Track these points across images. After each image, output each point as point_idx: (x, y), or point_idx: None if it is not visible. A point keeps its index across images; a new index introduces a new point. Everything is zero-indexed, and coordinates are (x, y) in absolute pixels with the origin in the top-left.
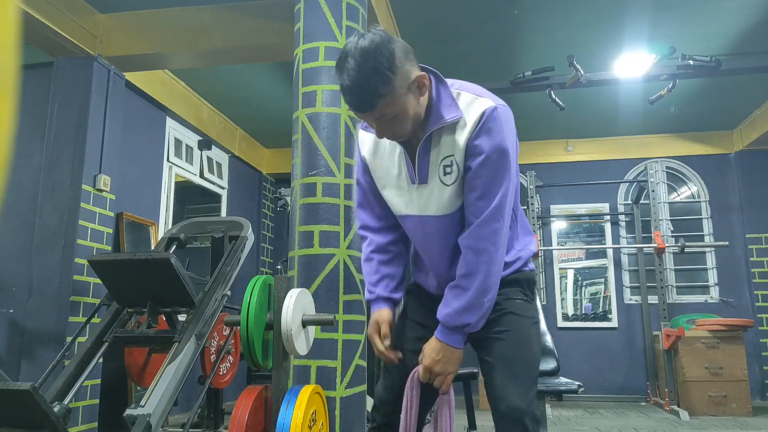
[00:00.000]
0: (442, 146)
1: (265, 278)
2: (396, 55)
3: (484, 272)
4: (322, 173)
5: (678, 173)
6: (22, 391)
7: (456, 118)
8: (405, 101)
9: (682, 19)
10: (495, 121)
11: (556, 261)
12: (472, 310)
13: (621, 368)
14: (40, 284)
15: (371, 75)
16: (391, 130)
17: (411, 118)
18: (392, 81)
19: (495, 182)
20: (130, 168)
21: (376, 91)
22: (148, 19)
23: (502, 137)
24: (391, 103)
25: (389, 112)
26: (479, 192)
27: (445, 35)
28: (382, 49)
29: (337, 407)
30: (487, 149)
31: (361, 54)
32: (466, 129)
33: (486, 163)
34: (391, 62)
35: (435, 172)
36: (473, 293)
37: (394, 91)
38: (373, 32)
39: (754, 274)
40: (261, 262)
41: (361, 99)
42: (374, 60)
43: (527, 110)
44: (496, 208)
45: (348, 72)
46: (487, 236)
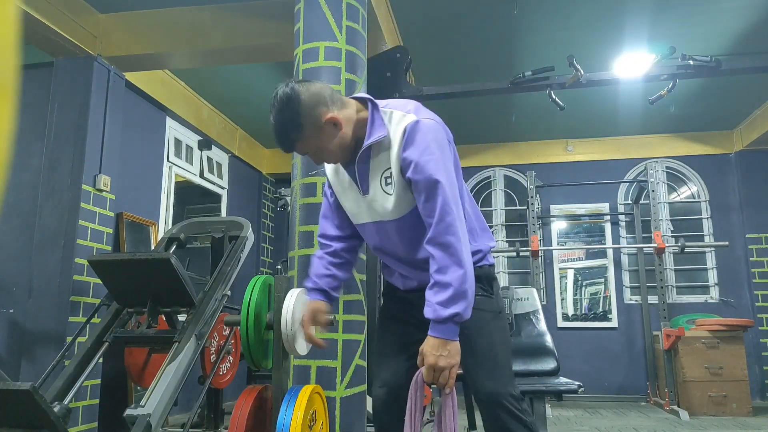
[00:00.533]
0: (379, 160)
1: (265, 278)
2: (302, 105)
3: (455, 262)
4: (322, 173)
5: (678, 173)
6: (22, 391)
7: (382, 136)
8: (319, 140)
9: (682, 19)
10: (417, 133)
11: (556, 261)
12: (457, 299)
13: (621, 368)
14: (40, 284)
15: (283, 125)
16: (321, 160)
17: (334, 150)
18: (301, 129)
19: (431, 183)
20: (130, 168)
21: (289, 137)
22: (148, 19)
23: (425, 144)
24: (307, 144)
25: (309, 150)
26: (423, 195)
27: (445, 35)
28: (290, 103)
29: (337, 407)
30: (414, 157)
31: (276, 107)
32: (396, 145)
33: (417, 169)
34: (297, 113)
35: (375, 183)
36: (453, 284)
37: (305, 134)
38: (288, 84)
39: (754, 274)
40: (261, 262)
41: (281, 143)
42: (283, 114)
43: (527, 110)
44: (443, 204)
45: (271, 121)
46: (445, 230)
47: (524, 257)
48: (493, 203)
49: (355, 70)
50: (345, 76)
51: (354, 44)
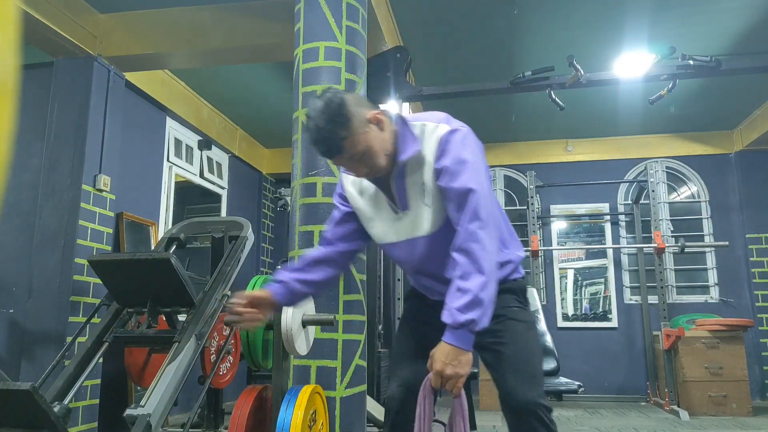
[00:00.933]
0: (414, 174)
1: (265, 278)
2: (347, 102)
3: (477, 269)
4: (322, 173)
5: (678, 173)
6: (22, 391)
7: (416, 151)
8: (367, 137)
9: (682, 19)
10: (450, 143)
11: (556, 261)
12: (474, 306)
13: (621, 368)
14: (40, 284)
15: (329, 123)
16: (366, 166)
17: (379, 152)
18: (349, 123)
19: (462, 189)
20: (130, 168)
21: (338, 134)
22: (148, 19)
23: (458, 152)
24: (355, 142)
25: (357, 151)
26: (455, 203)
27: (445, 35)
28: (334, 100)
29: (337, 407)
30: (449, 164)
31: (317, 111)
32: (430, 155)
33: (451, 176)
34: (343, 108)
35: (415, 197)
36: (472, 290)
37: (354, 131)
38: (325, 91)
39: (754, 274)
40: (261, 262)
41: (328, 145)
42: (329, 110)
43: (527, 110)
44: (473, 211)
45: (311, 128)
46: (469, 236)
47: (524, 257)
48: None
49: (355, 70)
50: (345, 76)
51: (354, 44)
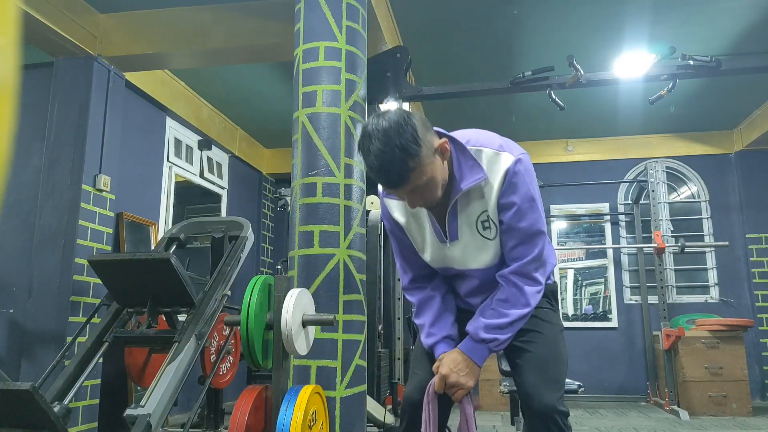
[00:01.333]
0: (473, 205)
1: (265, 278)
2: (417, 128)
3: (523, 303)
4: (322, 173)
5: (678, 173)
6: (22, 391)
7: (481, 179)
8: (433, 169)
9: (682, 19)
10: (518, 175)
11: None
12: (504, 330)
13: (621, 368)
14: (40, 284)
15: (399, 151)
16: (423, 198)
17: (440, 184)
18: (419, 153)
19: (530, 230)
20: (130, 168)
21: (406, 165)
22: (148, 19)
23: (527, 187)
24: (422, 174)
25: (421, 183)
26: (517, 240)
27: (445, 35)
28: (404, 125)
29: (337, 407)
30: (518, 201)
31: (384, 133)
32: (494, 187)
33: (518, 214)
34: (415, 136)
35: (469, 229)
36: (510, 317)
37: (422, 162)
38: (391, 111)
39: (754, 274)
40: (261, 262)
41: (394, 176)
42: (399, 137)
43: (527, 110)
44: (537, 254)
45: (375, 153)
46: (528, 276)
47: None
48: None
49: (355, 70)
50: (345, 76)
51: (354, 44)
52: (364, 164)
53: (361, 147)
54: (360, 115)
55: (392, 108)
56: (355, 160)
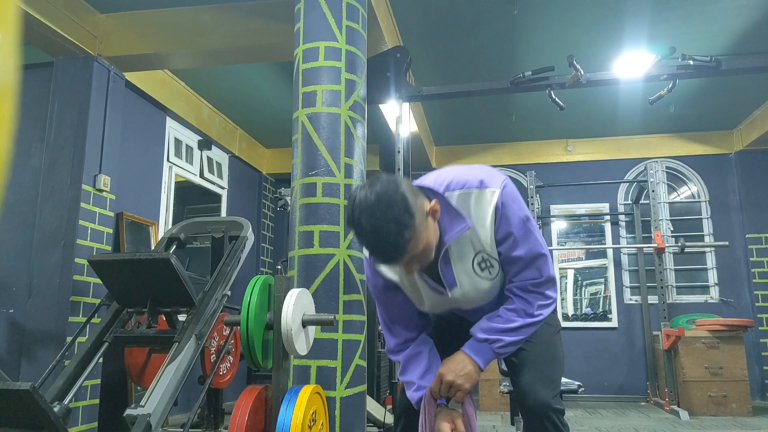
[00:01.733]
0: (465, 251)
1: (265, 278)
2: (408, 196)
3: (530, 316)
4: (322, 173)
5: (678, 173)
6: (22, 391)
7: (465, 229)
8: (428, 234)
9: (682, 19)
10: (506, 206)
11: (556, 261)
12: (509, 333)
13: (621, 368)
14: (40, 284)
15: (393, 225)
16: (419, 263)
17: (433, 246)
18: (413, 222)
19: (531, 254)
20: (130, 168)
21: (402, 238)
22: (148, 19)
23: (517, 214)
24: (418, 243)
25: (417, 251)
26: (520, 266)
27: (445, 35)
28: (394, 196)
29: (337, 407)
30: (513, 230)
31: (375, 207)
32: (487, 225)
33: (515, 242)
34: (407, 205)
35: (466, 275)
36: (516, 323)
37: (417, 230)
38: (379, 181)
39: (754, 274)
40: (261, 262)
41: (391, 251)
42: (390, 209)
43: (527, 110)
44: (547, 276)
45: (367, 229)
46: (542, 294)
47: None
48: None
49: (355, 70)
50: (345, 76)
51: (354, 44)
52: (356, 239)
53: (351, 221)
54: (360, 115)
55: (379, 177)
56: (354, 160)
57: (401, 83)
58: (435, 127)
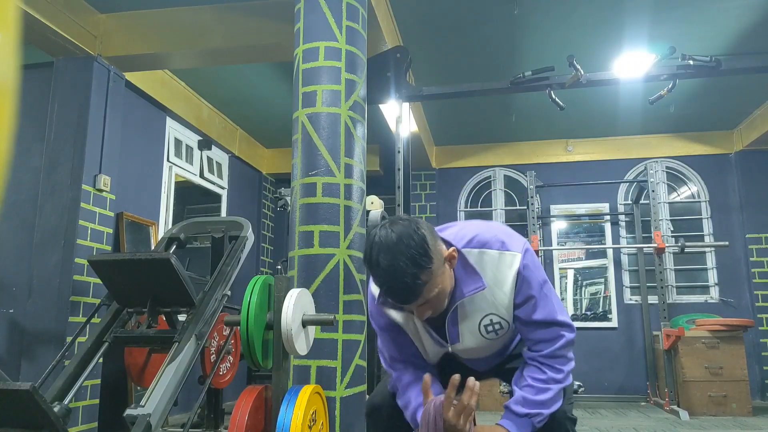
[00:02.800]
0: (475, 311)
1: (265, 278)
2: (427, 239)
3: (561, 384)
4: (322, 173)
5: (678, 173)
6: (22, 391)
7: (480, 289)
8: (443, 279)
9: (682, 19)
10: (528, 269)
11: (556, 261)
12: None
13: (621, 368)
14: (40, 284)
15: (410, 267)
16: (432, 308)
17: (448, 293)
18: (431, 265)
19: (551, 315)
20: (130, 168)
21: (419, 280)
22: (148, 19)
23: (538, 279)
24: (433, 287)
25: (431, 296)
26: (541, 328)
27: (445, 35)
28: (414, 237)
29: (337, 407)
30: (534, 293)
31: (394, 246)
32: (505, 289)
33: (537, 303)
34: (426, 247)
35: (470, 334)
36: (550, 395)
37: (434, 274)
38: (400, 221)
39: (754, 274)
40: (261, 262)
41: (406, 292)
42: (409, 249)
43: (527, 110)
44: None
45: (384, 267)
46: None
47: None
48: (493, 203)
49: (355, 70)
50: (345, 76)
51: (354, 44)
52: (372, 278)
53: (369, 259)
54: (360, 115)
55: (400, 218)
56: (354, 160)
57: (401, 83)
58: (435, 127)
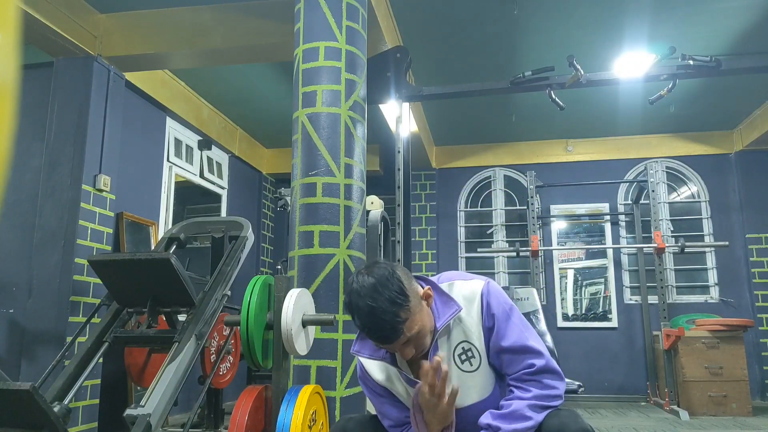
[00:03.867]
0: (450, 341)
1: (265, 278)
2: (403, 280)
3: (528, 400)
4: (322, 173)
5: (678, 173)
6: (22, 391)
7: (457, 312)
8: (422, 317)
9: (682, 19)
10: (491, 294)
11: (556, 261)
12: (508, 420)
13: (621, 368)
14: (40, 284)
15: (389, 306)
16: (416, 347)
17: (429, 331)
18: (408, 304)
19: (519, 341)
20: (130, 168)
21: (398, 318)
22: (148, 19)
23: (501, 299)
24: (413, 324)
25: (412, 334)
26: (510, 354)
27: (445, 35)
28: (390, 278)
29: (337, 407)
30: (499, 315)
31: (372, 288)
32: (473, 312)
33: (504, 326)
34: (402, 287)
35: (451, 366)
36: (510, 410)
37: (412, 311)
38: (375, 267)
39: (754, 274)
40: (261, 262)
41: (387, 330)
42: (386, 290)
43: (527, 110)
44: (543, 366)
45: (365, 309)
46: (537, 383)
47: (524, 257)
48: (493, 203)
49: (355, 70)
50: (345, 76)
51: (354, 44)
52: (354, 322)
53: (349, 306)
54: (360, 115)
55: (376, 263)
56: (354, 160)
57: (401, 83)
58: (435, 127)
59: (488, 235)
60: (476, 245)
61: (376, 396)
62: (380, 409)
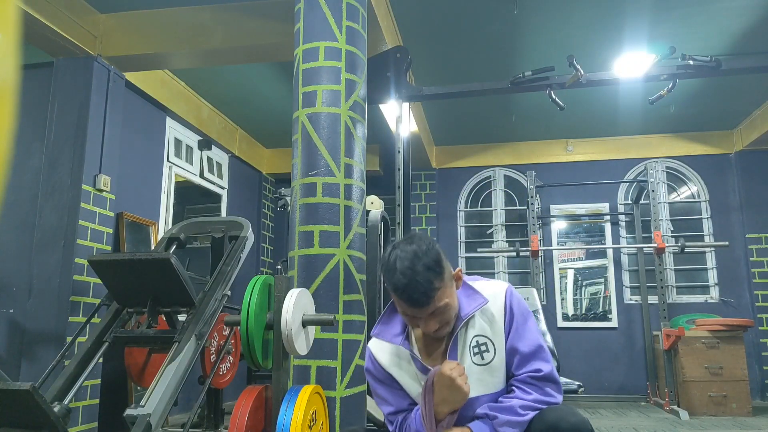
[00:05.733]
0: (469, 333)
1: (265, 278)
2: (441, 253)
3: (524, 400)
4: (322, 173)
5: (678, 173)
6: (22, 391)
7: (483, 304)
8: (451, 293)
9: (682, 19)
10: (514, 296)
11: (556, 261)
12: (507, 412)
13: (621, 368)
14: (40, 284)
15: (426, 272)
16: (441, 321)
17: (454, 311)
18: (443, 275)
19: (534, 342)
20: (130, 168)
21: (432, 285)
22: (148, 19)
23: (522, 304)
24: (443, 296)
25: (440, 306)
26: (522, 356)
27: (445, 35)
28: (431, 250)
29: (337, 407)
30: (519, 317)
31: (413, 254)
32: (497, 309)
33: (520, 328)
34: (440, 260)
35: (468, 356)
36: (509, 404)
37: (444, 284)
38: (418, 236)
39: (754, 274)
40: (261, 262)
41: (419, 294)
42: (427, 258)
43: (527, 110)
44: (549, 372)
45: (402, 270)
46: (538, 389)
47: (524, 257)
48: (493, 203)
49: (355, 70)
50: (345, 76)
51: (354, 44)
52: (388, 283)
53: (386, 265)
54: (360, 114)
55: (419, 234)
56: (354, 160)
57: (401, 83)
58: (435, 127)
59: (488, 235)
60: (476, 245)
61: (380, 383)
62: (382, 395)
